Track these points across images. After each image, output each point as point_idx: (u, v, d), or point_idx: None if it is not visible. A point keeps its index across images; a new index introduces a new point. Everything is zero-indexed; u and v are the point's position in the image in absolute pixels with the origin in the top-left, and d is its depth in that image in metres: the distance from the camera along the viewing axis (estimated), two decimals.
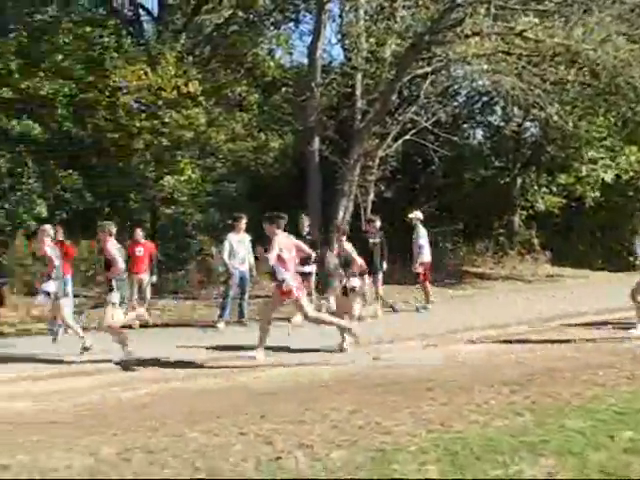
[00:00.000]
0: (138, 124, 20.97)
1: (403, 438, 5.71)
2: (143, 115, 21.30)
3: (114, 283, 10.46)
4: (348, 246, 11.61)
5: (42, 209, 19.82)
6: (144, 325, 13.38)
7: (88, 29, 21.35)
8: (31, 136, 19.89)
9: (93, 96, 21.16)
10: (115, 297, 10.42)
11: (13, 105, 20.04)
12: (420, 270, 15.41)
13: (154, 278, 14.64)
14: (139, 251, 14.15)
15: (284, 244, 9.81)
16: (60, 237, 13.46)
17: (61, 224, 15.97)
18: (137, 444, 5.73)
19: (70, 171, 20.62)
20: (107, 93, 21.20)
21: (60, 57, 20.71)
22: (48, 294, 10.81)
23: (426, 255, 15.50)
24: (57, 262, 11.12)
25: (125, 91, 21.24)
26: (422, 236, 15.49)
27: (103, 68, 20.99)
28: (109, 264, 10.68)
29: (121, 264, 10.66)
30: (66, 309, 11.49)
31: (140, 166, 21.64)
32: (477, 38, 18.56)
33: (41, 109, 20.69)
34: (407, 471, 4.83)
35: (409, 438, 5.71)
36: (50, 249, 11.19)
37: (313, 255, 14.15)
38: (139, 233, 14.51)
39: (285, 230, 10.27)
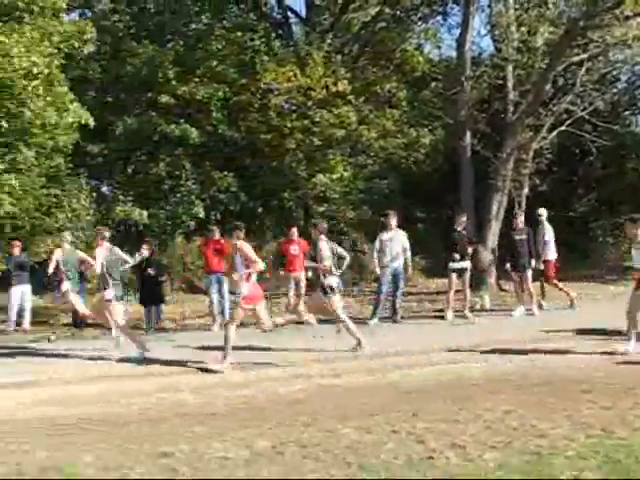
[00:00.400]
0: (289, 124, 21.35)
1: (560, 442, 5.27)
2: (294, 115, 21.65)
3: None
4: (324, 245, 10.74)
5: (199, 209, 20.59)
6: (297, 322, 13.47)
7: (240, 34, 21.97)
8: (189, 140, 20.73)
9: (246, 99, 21.76)
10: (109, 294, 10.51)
11: (172, 110, 20.99)
12: (547, 267, 14.51)
13: (309, 275, 14.72)
14: (294, 249, 14.19)
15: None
16: (217, 236, 13.84)
17: (217, 224, 16.51)
18: (291, 438, 5.68)
19: (225, 173, 21.29)
20: (259, 95, 21.75)
21: (214, 63, 21.46)
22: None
23: (551, 252, 14.58)
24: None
25: (276, 92, 21.67)
26: (548, 232, 14.60)
27: (254, 71, 21.51)
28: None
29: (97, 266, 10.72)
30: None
31: (292, 165, 21.98)
32: (639, 19, 17.38)
33: (197, 113, 21.54)
34: (564, 477, 4.46)
35: (566, 442, 5.25)
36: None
37: (469, 250, 13.77)
38: (294, 232, 14.55)
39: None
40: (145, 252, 13.46)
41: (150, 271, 13.65)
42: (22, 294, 14.16)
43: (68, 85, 16.00)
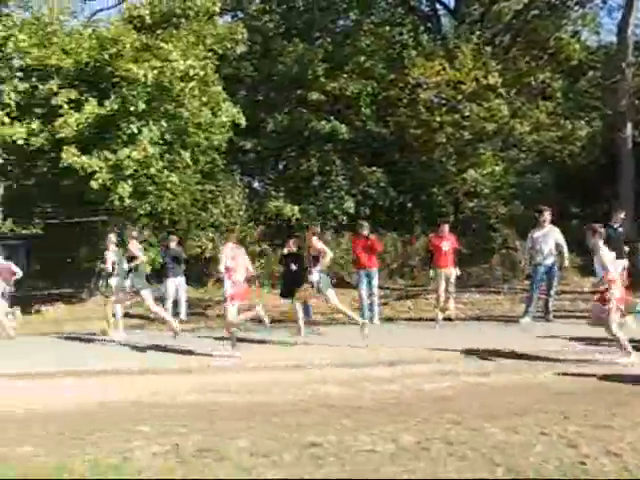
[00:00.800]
0: (439, 119, 21.04)
1: None
2: (443, 109, 21.33)
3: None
4: (318, 243, 11.10)
5: (350, 204, 20.80)
6: (447, 319, 13.29)
7: (388, 29, 22.01)
8: (338, 135, 20.99)
9: (394, 94, 21.70)
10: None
11: (321, 107, 21.35)
12: None
13: (457, 271, 14.46)
14: (444, 245, 13.96)
15: None
16: (366, 232, 13.85)
17: (366, 219, 16.58)
18: (436, 435, 5.60)
19: (374, 168, 21.37)
20: (407, 90, 21.61)
21: (362, 58, 21.60)
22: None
23: None
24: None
25: (425, 87, 21.44)
26: None
27: (403, 66, 21.42)
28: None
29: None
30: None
31: (442, 160, 21.68)
32: None
33: (346, 109, 21.78)
34: None
35: None
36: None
37: (625, 249, 12.88)
38: (445, 227, 14.28)
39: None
40: (293, 247, 13.78)
41: (293, 266, 13.90)
42: (177, 286, 14.78)
43: (221, 85, 16.66)
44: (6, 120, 14.80)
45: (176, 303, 14.79)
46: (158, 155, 15.14)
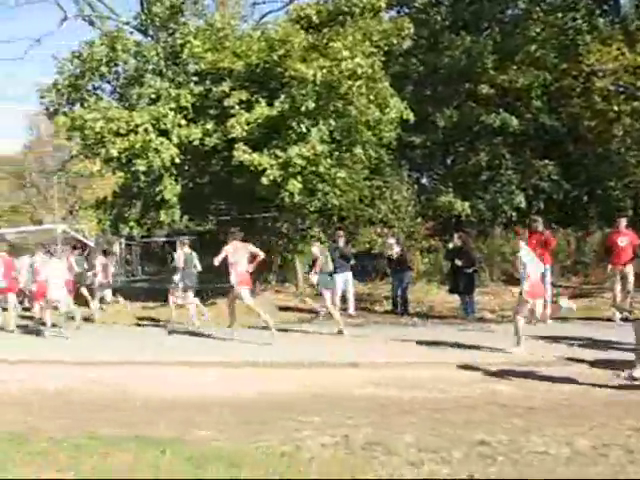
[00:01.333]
0: (616, 108, 19.83)
1: None
2: (621, 98, 20.09)
3: None
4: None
5: (520, 199, 20.14)
6: (625, 319, 12.49)
7: (560, 15, 20.99)
8: (508, 129, 20.36)
9: (567, 83, 20.72)
10: None
11: (491, 100, 20.78)
12: None
13: (636, 269, 13.53)
14: (621, 241, 13.14)
15: None
16: (540, 228, 13.33)
17: (539, 214, 15.96)
18: (616, 441, 5.29)
19: (546, 161, 20.54)
20: (581, 79, 20.56)
21: (533, 48, 20.78)
22: None
23: None
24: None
25: (601, 75, 20.27)
26: None
27: (577, 53, 20.36)
28: None
29: None
30: None
31: (620, 152, 20.43)
32: None
33: (516, 101, 21.05)
34: None
35: None
36: None
37: None
38: (622, 222, 13.46)
39: None
40: (457, 242, 13.56)
41: (457, 262, 13.69)
42: (345, 281, 14.97)
43: (388, 81, 16.65)
44: (183, 122, 15.66)
45: (344, 298, 14.98)
46: (327, 152, 15.40)
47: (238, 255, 12.10)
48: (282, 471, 4.88)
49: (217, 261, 12.03)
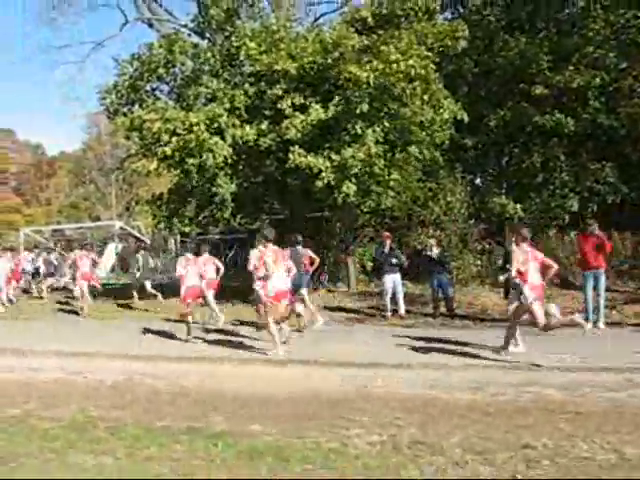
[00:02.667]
0: None
1: None
2: None
3: None
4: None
5: (573, 202, 19.86)
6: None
7: (620, 12, 20.55)
8: (563, 130, 20.08)
9: (627, 83, 20.32)
10: None
11: (545, 100, 20.50)
12: None
13: None
14: None
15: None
16: (595, 231, 13.16)
17: (594, 217, 15.72)
18: None
19: (603, 163, 20.19)
20: None
21: (590, 48, 20.43)
22: None
23: None
24: None
25: None
26: None
27: (638, 52, 19.97)
28: None
29: None
30: None
31: None
32: None
33: (572, 102, 20.71)
34: None
35: None
36: None
37: None
38: None
39: None
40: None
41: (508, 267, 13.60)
42: (394, 283, 15.01)
43: (442, 82, 16.63)
44: (237, 122, 15.94)
45: (394, 299, 15.03)
46: (381, 154, 15.46)
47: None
48: (329, 467, 5.03)
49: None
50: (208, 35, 19.65)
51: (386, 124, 15.64)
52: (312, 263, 13.92)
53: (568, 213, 20.03)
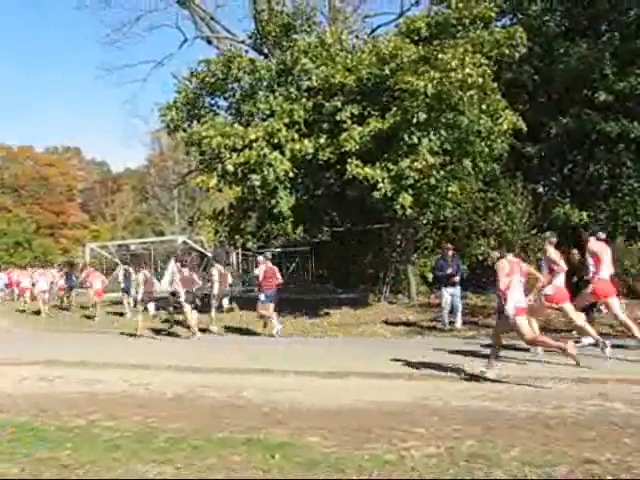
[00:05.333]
0: None
1: None
2: None
3: None
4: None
5: None
6: None
7: None
8: (629, 136, 19.58)
9: None
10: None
11: (610, 107, 20.01)
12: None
13: None
14: None
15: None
16: None
17: None
18: None
19: None
20: None
21: None
22: None
23: None
24: None
25: None
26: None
27: None
28: None
29: None
30: None
31: None
32: None
33: (638, 107, 20.17)
34: None
35: None
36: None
37: None
38: None
39: None
40: (577, 256, 13.18)
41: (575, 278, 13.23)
42: (453, 296, 14.83)
43: (501, 91, 16.42)
44: (296, 136, 16.06)
45: (452, 312, 14.90)
46: (438, 165, 15.36)
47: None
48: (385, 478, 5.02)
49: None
50: (265, 51, 19.93)
51: (443, 134, 15.52)
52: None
53: (638, 220, 19.50)
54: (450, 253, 15.22)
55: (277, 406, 7.88)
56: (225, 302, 18.03)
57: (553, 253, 10.82)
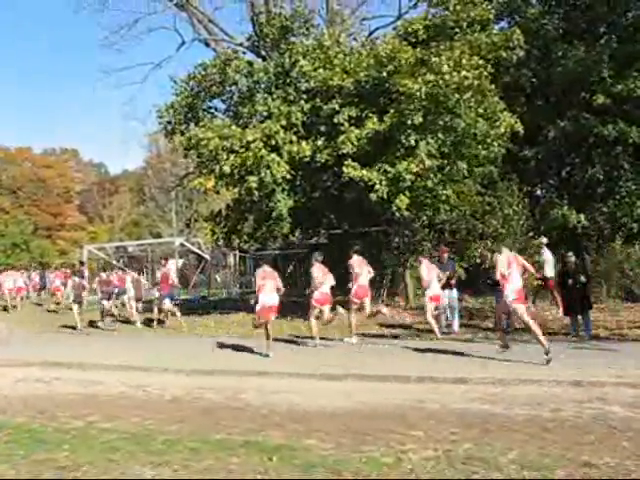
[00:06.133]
0: None
1: None
2: None
3: None
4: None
5: None
6: None
7: None
8: (627, 139, 19.61)
9: None
10: None
11: (607, 110, 20.03)
12: None
13: None
14: None
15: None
16: None
17: None
18: None
19: None
20: None
21: None
22: None
23: None
24: None
25: None
26: None
27: None
28: None
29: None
30: None
31: None
32: None
33: (636, 110, 20.18)
34: None
35: None
36: None
37: None
38: None
39: None
40: (572, 259, 13.24)
41: (570, 284, 13.24)
42: (449, 298, 14.76)
43: (499, 94, 16.43)
44: (294, 139, 16.07)
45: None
46: (435, 167, 15.35)
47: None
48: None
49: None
50: (263, 53, 19.92)
51: (440, 137, 15.53)
52: None
53: (635, 222, 19.53)
54: (445, 256, 15.20)
55: (275, 408, 7.87)
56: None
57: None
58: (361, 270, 13.59)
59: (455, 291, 14.95)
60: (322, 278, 13.09)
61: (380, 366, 10.47)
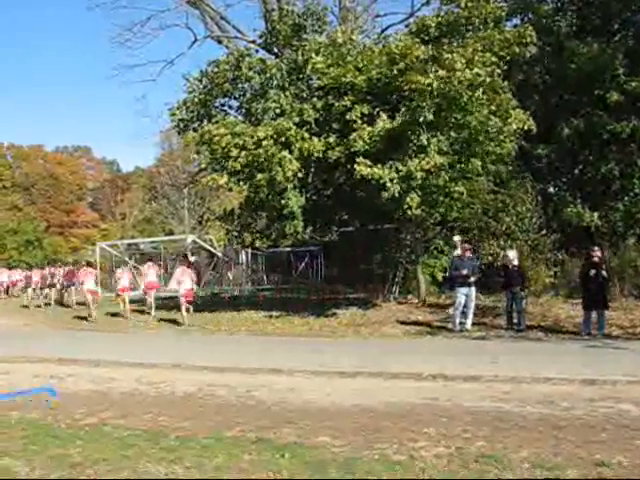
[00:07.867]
0: None
1: None
2: None
3: None
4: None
5: None
6: None
7: None
8: None
9: None
10: None
11: (621, 107, 19.86)
12: None
13: None
14: None
15: None
16: None
17: None
18: None
19: None
20: None
21: None
22: None
23: None
24: None
25: None
26: None
27: None
28: None
29: None
30: None
31: None
32: None
33: None
34: None
35: None
36: None
37: None
38: None
39: None
40: (598, 254, 13.16)
41: (592, 275, 13.21)
42: (467, 296, 14.76)
43: (511, 91, 16.33)
44: (306, 136, 16.03)
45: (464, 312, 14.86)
46: (447, 165, 15.29)
47: None
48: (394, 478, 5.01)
49: None
50: (276, 50, 19.91)
51: (452, 134, 15.46)
52: None
53: None
54: (468, 254, 15.22)
55: (287, 405, 7.89)
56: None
57: None
58: None
59: (474, 289, 14.93)
60: None
61: (392, 364, 10.46)
